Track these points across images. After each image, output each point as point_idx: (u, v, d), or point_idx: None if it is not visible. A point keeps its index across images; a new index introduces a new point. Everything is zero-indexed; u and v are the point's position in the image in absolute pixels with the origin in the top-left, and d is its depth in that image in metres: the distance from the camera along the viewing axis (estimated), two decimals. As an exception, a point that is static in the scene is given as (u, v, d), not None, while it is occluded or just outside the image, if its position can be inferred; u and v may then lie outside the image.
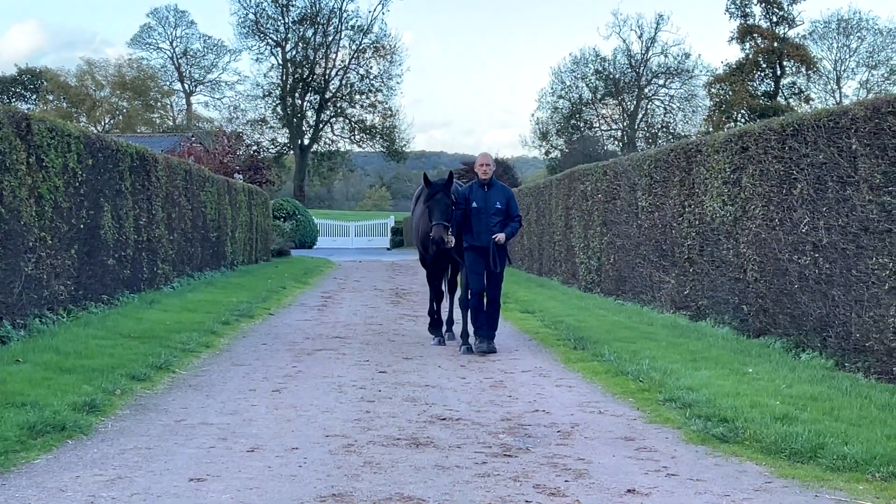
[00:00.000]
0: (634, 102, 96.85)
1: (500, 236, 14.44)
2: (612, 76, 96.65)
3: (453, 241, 14.53)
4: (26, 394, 9.73)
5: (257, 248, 38.81)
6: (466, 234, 14.68)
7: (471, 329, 15.21)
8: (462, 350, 14.80)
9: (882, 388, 10.90)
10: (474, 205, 14.59)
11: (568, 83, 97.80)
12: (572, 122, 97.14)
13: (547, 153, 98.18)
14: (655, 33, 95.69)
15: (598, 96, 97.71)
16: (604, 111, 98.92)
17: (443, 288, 16.49)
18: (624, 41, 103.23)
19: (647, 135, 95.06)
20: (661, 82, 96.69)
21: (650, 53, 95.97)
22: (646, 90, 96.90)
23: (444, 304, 16.40)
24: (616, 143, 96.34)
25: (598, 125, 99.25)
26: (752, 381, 11.21)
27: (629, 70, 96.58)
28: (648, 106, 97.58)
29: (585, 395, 11.39)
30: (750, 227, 15.18)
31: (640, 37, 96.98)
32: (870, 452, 7.98)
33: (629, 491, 7.28)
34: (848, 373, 11.95)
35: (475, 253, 14.61)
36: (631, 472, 7.89)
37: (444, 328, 16.28)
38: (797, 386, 10.83)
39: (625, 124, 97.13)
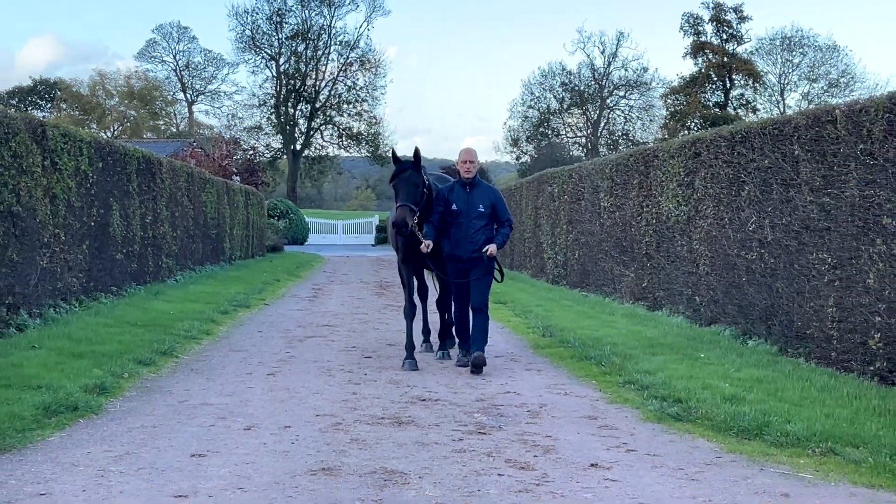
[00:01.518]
0: (597, 112, 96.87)
1: (492, 248, 11.57)
2: (577, 88, 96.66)
3: (430, 244, 11.65)
4: (41, 377, 9.70)
5: (253, 245, 38.73)
6: (444, 241, 11.88)
7: (434, 334, 13.70)
8: (437, 356, 12.87)
9: (821, 371, 10.96)
10: (454, 207, 11.69)
11: (537, 94, 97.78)
12: (541, 129, 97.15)
13: (518, 158, 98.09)
14: (617, 49, 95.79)
15: (565, 106, 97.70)
16: (569, 120, 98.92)
17: (415, 299, 13.05)
18: (588, 56, 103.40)
19: (609, 142, 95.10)
20: (621, 94, 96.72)
21: (612, 67, 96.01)
22: (608, 101, 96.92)
23: (418, 316, 13.07)
24: (581, 149, 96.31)
25: (564, 133, 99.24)
26: (704, 366, 11.25)
27: (592, 82, 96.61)
28: (610, 115, 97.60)
29: (553, 378, 11.40)
30: (702, 226, 15.23)
31: (602, 52, 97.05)
32: (810, 430, 8.01)
33: (592, 465, 7.29)
34: (790, 358, 12.00)
35: (455, 265, 11.91)
36: (594, 448, 7.90)
37: (418, 346, 13.13)
38: (745, 370, 10.87)
39: (588, 132, 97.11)
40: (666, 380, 10.35)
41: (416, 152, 11.86)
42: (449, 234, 11.83)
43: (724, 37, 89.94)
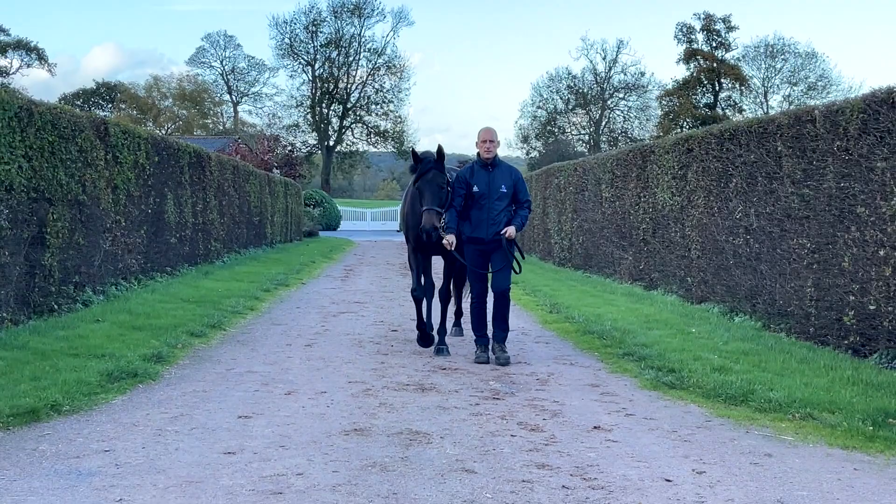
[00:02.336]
0: (599, 112, 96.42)
1: (510, 230, 10.05)
2: (581, 90, 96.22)
3: (453, 240, 10.13)
4: (105, 347, 9.77)
5: (292, 230, 38.80)
6: (465, 223, 10.24)
7: (449, 325, 11.77)
8: (435, 351, 10.77)
9: (800, 345, 10.92)
10: (475, 189, 10.12)
11: (545, 96, 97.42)
12: (548, 128, 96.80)
13: (527, 153, 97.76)
14: (617, 55, 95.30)
15: (570, 107, 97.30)
16: (574, 119, 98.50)
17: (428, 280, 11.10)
18: (591, 62, 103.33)
19: (610, 139, 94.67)
20: (621, 96, 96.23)
21: (612, 72, 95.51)
22: (608, 102, 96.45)
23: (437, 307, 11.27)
24: (584, 145, 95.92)
25: (569, 131, 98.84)
26: (695, 339, 11.22)
27: (595, 85, 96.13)
28: (610, 115, 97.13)
29: (559, 350, 11.40)
30: (693, 214, 15.17)
31: (604, 58, 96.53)
32: (790, 397, 7.99)
33: (595, 427, 7.29)
34: (773, 333, 11.96)
35: (476, 247, 10.24)
36: (596, 412, 7.90)
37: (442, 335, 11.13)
38: (732, 343, 10.84)
39: (591, 130, 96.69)
40: (661, 352, 10.33)
41: (440, 150, 10.31)
42: (469, 217, 10.24)
43: (714, 44, 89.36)
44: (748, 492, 5.66)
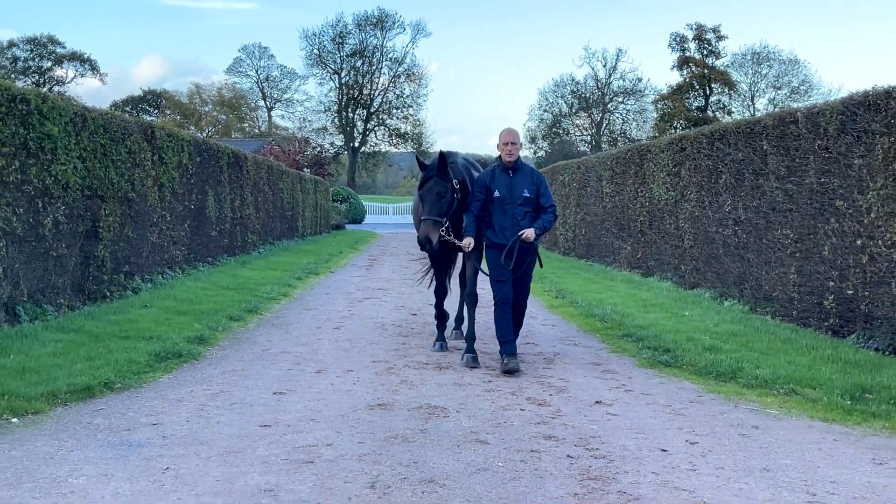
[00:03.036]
0: (600, 115, 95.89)
1: (528, 232, 8.71)
2: (583, 95, 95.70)
3: (470, 243, 8.90)
4: (153, 330, 9.81)
5: (321, 224, 38.85)
6: (488, 229, 8.98)
7: (450, 330, 10.69)
8: (464, 361, 9.05)
9: (784, 327, 10.87)
10: (496, 194, 8.88)
11: (550, 100, 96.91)
12: (554, 129, 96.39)
13: (535, 153, 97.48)
14: (616, 62, 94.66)
15: (573, 110, 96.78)
16: (577, 122, 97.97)
17: (447, 284, 10.29)
18: (592, 68, 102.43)
19: (610, 139, 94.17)
20: (620, 100, 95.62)
21: (612, 78, 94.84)
22: (608, 106, 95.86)
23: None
24: (587, 145, 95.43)
25: (573, 132, 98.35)
26: (688, 322, 11.18)
27: (596, 90, 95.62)
28: (610, 118, 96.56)
29: (564, 331, 11.38)
30: (686, 208, 15.10)
31: (604, 65, 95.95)
32: (775, 374, 7.97)
33: (597, 402, 7.28)
34: (759, 316, 11.90)
35: (499, 253, 8.88)
36: (598, 388, 7.89)
37: (449, 327, 10.60)
38: (721, 325, 10.80)
39: (593, 131, 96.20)
40: (657, 333, 10.31)
41: (441, 157, 9.07)
42: (492, 224, 8.95)
43: (705, 52, 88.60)
44: (736, 460, 5.65)
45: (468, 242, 8.84)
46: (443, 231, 8.92)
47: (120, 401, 7.02)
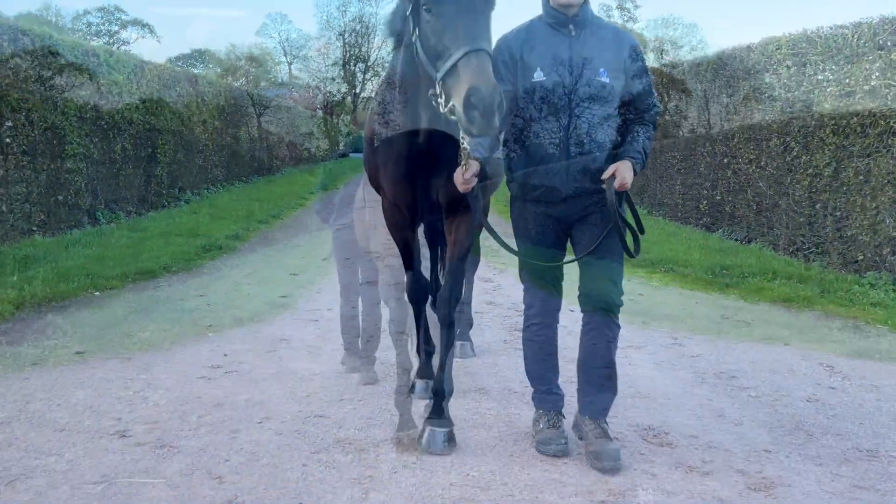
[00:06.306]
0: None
1: (625, 177, 2.67)
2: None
3: (476, 169, 2.57)
4: (200, 230, 9.91)
5: (330, 151, 38.38)
6: (516, 156, 2.86)
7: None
8: (424, 441, 3.01)
9: (671, 224, 10.98)
10: (536, 76, 2.78)
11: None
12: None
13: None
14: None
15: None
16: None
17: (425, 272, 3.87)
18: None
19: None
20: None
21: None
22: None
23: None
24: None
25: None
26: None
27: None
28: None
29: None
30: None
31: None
32: (659, 257, 8.06)
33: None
34: (654, 217, 12.00)
35: (542, 211, 2.84)
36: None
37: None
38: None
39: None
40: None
41: None
42: (525, 144, 2.93)
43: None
44: (625, 315, 5.81)
45: (475, 166, 2.72)
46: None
47: (176, 279, 7.13)
